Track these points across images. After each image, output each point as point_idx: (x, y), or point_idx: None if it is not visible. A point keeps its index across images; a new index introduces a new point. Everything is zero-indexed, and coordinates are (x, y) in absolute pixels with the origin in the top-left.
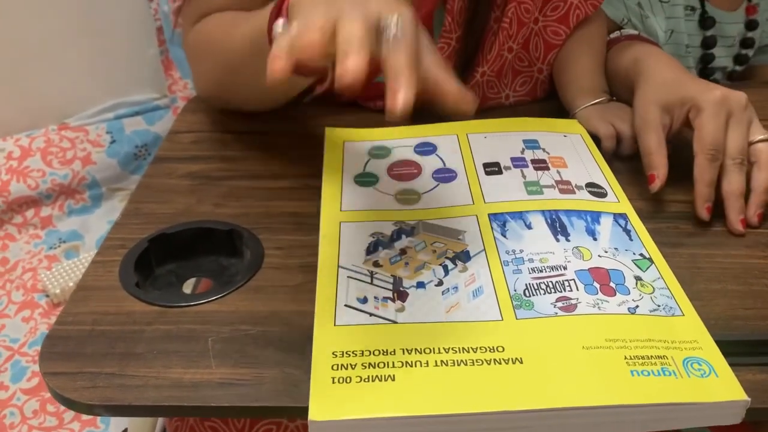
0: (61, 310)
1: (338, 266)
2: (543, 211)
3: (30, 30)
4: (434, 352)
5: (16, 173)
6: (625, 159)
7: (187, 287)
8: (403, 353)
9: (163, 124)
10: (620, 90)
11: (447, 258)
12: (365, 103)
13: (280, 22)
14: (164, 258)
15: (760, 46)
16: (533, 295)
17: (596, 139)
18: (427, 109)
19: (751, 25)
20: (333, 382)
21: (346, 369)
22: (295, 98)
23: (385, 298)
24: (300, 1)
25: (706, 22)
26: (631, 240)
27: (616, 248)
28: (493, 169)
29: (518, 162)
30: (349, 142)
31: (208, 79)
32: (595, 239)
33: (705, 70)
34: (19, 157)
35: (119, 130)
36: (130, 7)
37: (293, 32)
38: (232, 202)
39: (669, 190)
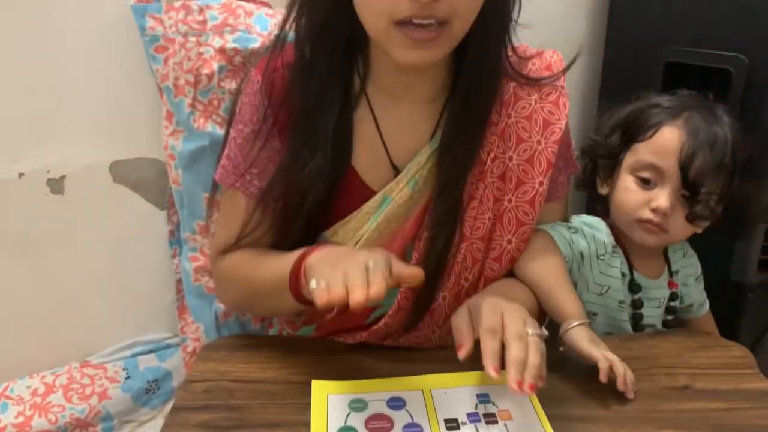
0: None
1: None
2: None
3: (63, 278)
4: None
5: (39, 408)
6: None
7: None
8: None
9: (173, 361)
10: None
11: None
12: (348, 337)
13: (313, 282)
14: None
15: (682, 306)
16: None
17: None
18: None
19: (672, 296)
20: None
21: None
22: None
23: None
24: (313, 267)
25: (633, 287)
26: None
27: None
28: (452, 424)
29: (473, 417)
30: (333, 394)
31: (234, 300)
32: None
33: (637, 326)
34: (43, 393)
35: (134, 367)
36: (155, 262)
37: (324, 293)
38: None
39: None
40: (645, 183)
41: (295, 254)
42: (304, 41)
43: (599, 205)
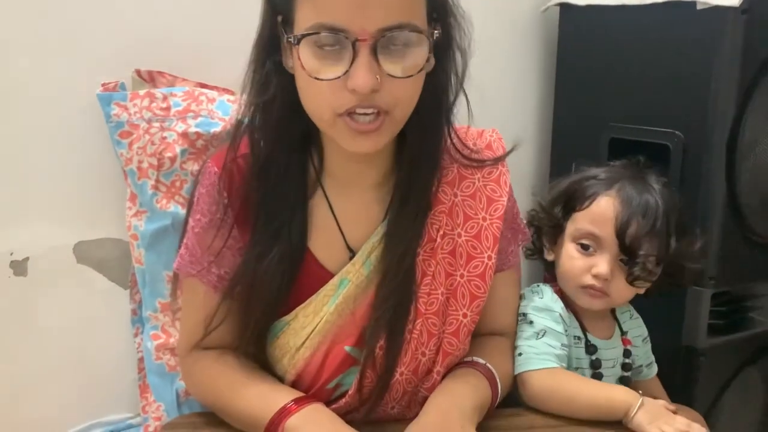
0: None
1: None
2: None
3: (25, 360)
4: None
5: None
6: None
7: None
8: None
9: None
10: None
11: None
12: None
13: None
14: None
15: (635, 367)
16: None
17: None
18: None
19: (626, 353)
20: None
21: None
22: None
23: None
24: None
25: (589, 348)
26: None
27: None
28: None
29: None
30: None
31: (203, 404)
32: None
33: None
34: None
35: None
36: (118, 341)
37: None
38: None
39: None
40: (585, 249)
41: (273, 403)
42: (260, 141)
43: (546, 272)
